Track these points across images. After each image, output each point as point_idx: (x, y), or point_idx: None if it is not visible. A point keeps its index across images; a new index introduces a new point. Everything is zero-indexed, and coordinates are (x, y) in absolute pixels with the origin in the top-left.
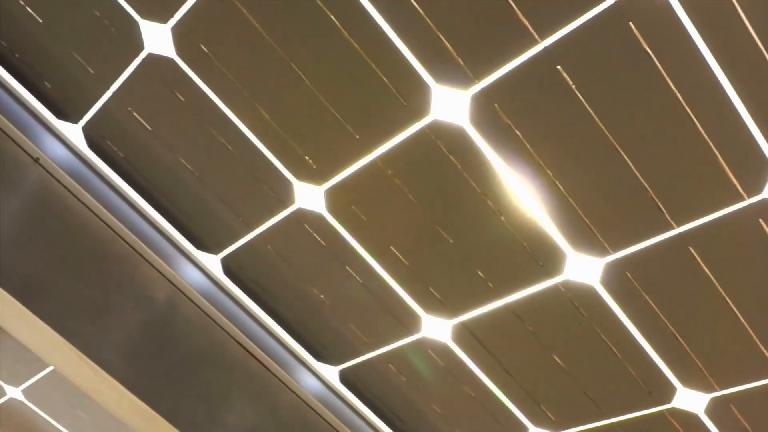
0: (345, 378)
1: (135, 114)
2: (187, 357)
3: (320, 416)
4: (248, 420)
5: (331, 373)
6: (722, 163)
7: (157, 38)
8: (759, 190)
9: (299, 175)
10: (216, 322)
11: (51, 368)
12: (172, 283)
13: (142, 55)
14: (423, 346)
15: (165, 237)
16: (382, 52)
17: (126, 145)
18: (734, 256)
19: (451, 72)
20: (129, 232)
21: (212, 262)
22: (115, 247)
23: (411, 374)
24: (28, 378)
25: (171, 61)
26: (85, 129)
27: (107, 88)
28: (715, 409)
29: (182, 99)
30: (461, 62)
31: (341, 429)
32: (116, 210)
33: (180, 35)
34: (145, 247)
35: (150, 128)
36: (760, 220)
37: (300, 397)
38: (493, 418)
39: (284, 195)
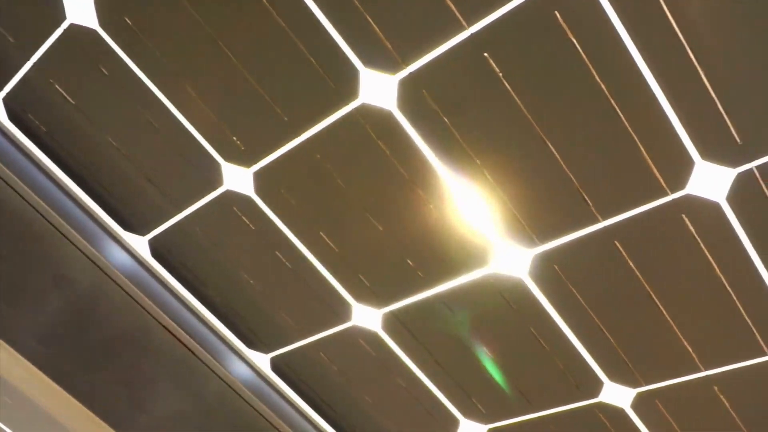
0: (276, 366)
1: (57, 87)
2: (108, 340)
3: (249, 404)
4: (172, 406)
5: (262, 360)
6: (646, 157)
7: (80, 8)
8: (682, 186)
9: (227, 157)
10: (141, 305)
11: None
12: (95, 263)
13: (64, 25)
14: (354, 334)
15: (89, 216)
16: (310, 33)
17: (48, 119)
18: (658, 250)
19: (379, 56)
20: (50, 210)
21: (139, 244)
22: (34, 225)
23: (343, 363)
24: None
25: (94, 32)
26: (5, 100)
27: (28, 59)
28: (640, 404)
29: (106, 73)
30: (389, 46)
31: (270, 417)
32: (36, 185)
33: (103, 6)
34: (67, 226)
35: (73, 102)
36: (683, 216)
37: (228, 384)
38: (424, 409)
39: (212, 176)
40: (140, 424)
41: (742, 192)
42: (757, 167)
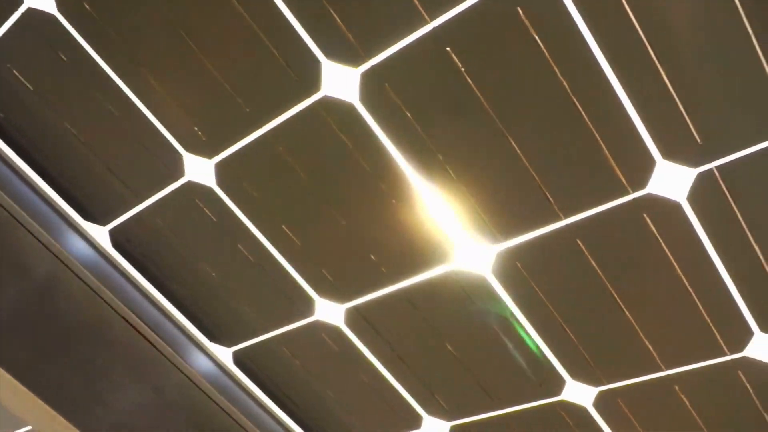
0: (238, 359)
1: (15, 72)
2: (65, 332)
3: (210, 398)
4: (131, 399)
5: (224, 354)
6: (608, 156)
7: None
8: (643, 185)
9: (189, 147)
10: (100, 296)
11: None
12: (52, 253)
13: (22, 9)
14: (317, 329)
15: (47, 204)
16: (272, 24)
17: (6, 104)
18: (620, 250)
19: (341, 48)
20: (6, 197)
21: (99, 234)
22: None
23: (305, 358)
24: None
25: (52, 17)
26: None
27: None
28: (602, 403)
29: (65, 59)
30: (352, 38)
31: (232, 412)
32: None
33: None
34: (24, 214)
35: (31, 88)
36: (645, 215)
37: (189, 378)
38: (387, 405)
39: (174, 167)
40: (98, 418)
41: (702, 192)
42: (717, 167)
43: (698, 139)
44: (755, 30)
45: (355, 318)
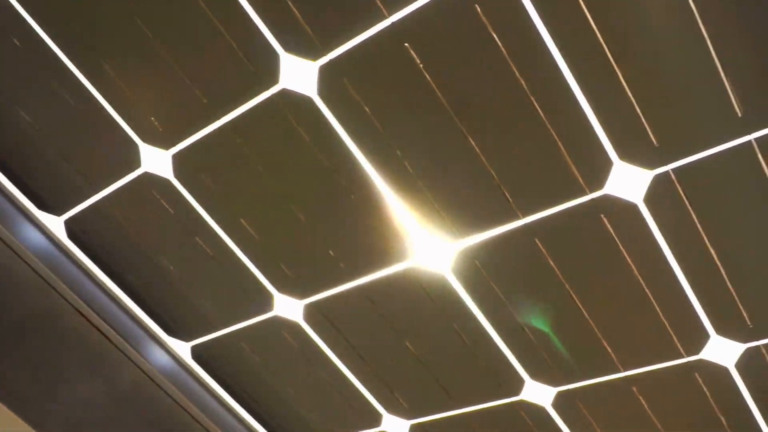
0: (197, 354)
1: None
2: (14, 323)
3: (166, 393)
4: (84, 394)
5: (182, 348)
6: (566, 156)
7: None
8: (600, 186)
9: (145, 137)
10: (53, 287)
11: None
12: (4, 242)
13: None
14: (276, 325)
15: (0, 192)
16: (230, 15)
17: None
18: (577, 250)
19: (299, 41)
20: None
21: (54, 224)
22: None
23: (264, 353)
24: None
25: (5, 2)
26: None
27: None
28: (561, 403)
29: (18, 44)
30: (310, 32)
31: (189, 407)
32: None
33: None
34: None
35: None
36: (602, 216)
37: (145, 372)
38: (347, 402)
39: (130, 157)
40: (49, 413)
41: (659, 194)
42: (673, 170)
43: (655, 141)
44: (710, 33)
45: (314, 314)
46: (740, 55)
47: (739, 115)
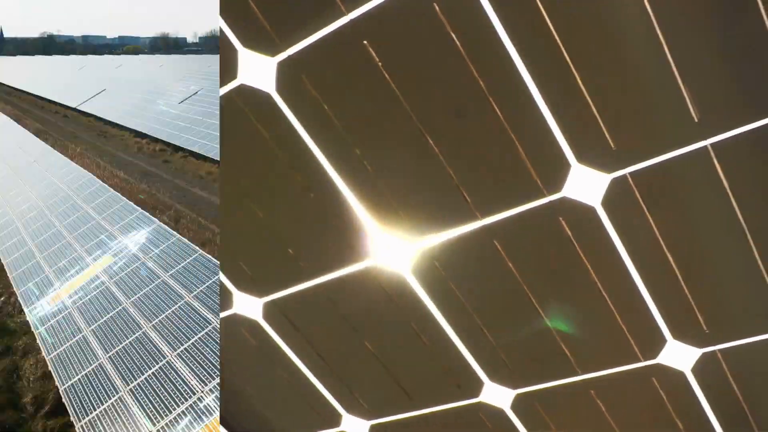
0: None
1: None
2: None
3: None
4: None
5: None
6: (524, 157)
7: None
8: (558, 188)
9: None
10: None
11: None
12: None
13: None
14: (234, 323)
15: None
16: None
17: None
18: (536, 252)
19: (258, 36)
20: None
21: None
22: None
23: (223, 351)
24: None
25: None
26: None
27: None
28: (520, 405)
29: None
30: (268, 27)
31: None
32: None
33: None
34: None
35: None
36: (560, 218)
37: None
38: (306, 402)
39: None
40: None
41: (616, 198)
42: (630, 174)
43: (612, 145)
44: (667, 39)
45: (273, 312)
46: (697, 61)
47: (696, 120)
